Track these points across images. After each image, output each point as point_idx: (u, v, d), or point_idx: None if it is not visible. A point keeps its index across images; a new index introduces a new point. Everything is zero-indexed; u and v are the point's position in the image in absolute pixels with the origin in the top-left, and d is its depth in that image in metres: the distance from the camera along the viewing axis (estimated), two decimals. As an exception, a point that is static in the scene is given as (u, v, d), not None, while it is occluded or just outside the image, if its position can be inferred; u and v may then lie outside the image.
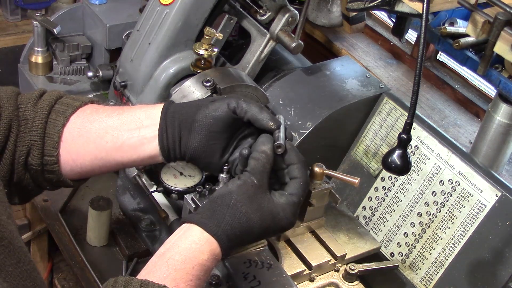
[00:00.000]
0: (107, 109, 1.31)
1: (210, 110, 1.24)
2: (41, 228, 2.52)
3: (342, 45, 2.54)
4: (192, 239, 1.14)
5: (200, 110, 1.24)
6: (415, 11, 1.50)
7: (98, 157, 1.29)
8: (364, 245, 1.66)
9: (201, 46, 1.68)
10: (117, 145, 1.27)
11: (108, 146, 1.28)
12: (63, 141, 1.27)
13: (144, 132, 1.27)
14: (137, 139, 1.27)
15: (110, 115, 1.29)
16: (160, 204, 1.65)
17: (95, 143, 1.28)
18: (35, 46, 2.12)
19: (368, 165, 1.84)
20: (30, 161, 1.26)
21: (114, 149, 1.28)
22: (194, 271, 1.11)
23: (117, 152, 1.28)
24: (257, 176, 1.19)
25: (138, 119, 1.27)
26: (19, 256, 0.98)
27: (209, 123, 1.24)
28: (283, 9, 1.79)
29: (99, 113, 1.30)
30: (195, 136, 1.25)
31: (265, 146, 1.22)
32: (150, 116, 1.27)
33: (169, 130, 1.26)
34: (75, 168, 1.30)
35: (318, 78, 1.90)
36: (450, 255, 1.64)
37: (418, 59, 1.21)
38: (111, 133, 1.27)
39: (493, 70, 1.62)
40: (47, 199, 2.02)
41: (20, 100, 1.28)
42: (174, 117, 1.25)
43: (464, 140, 2.17)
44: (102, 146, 1.28)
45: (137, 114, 1.28)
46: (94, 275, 1.77)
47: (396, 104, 1.82)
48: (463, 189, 1.65)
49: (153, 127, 1.27)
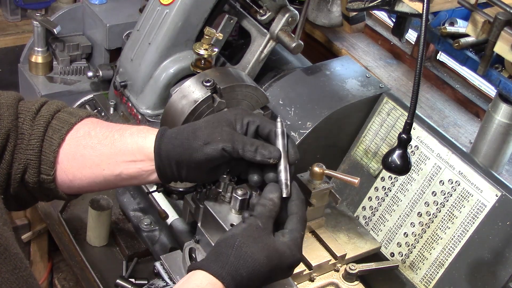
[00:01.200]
0: (99, 133, 1.29)
1: (204, 154, 1.21)
2: (41, 228, 2.52)
3: (342, 45, 2.54)
4: (195, 283, 1.12)
5: (195, 155, 1.22)
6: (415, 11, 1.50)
7: (96, 181, 1.29)
8: (364, 245, 1.66)
9: (201, 46, 1.69)
10: (115, 173, 1.27)
11: (106, 173, 1.28)
12: (59, 162, 1.27)
13: (141, 165, 1.27)
14: (135, 170, 1.27)
15: (102, 142, 1.28)
16: (160, 204, 1.65)
17: (92, 169, 1.28)
18: (35, 46, 2.12)
19: (368, 165, 1.84)
20: (27, 179, 1.26)
21: (113, 176, 1.28)
22: None
23: (116, 178, 1.28)
24: (263, 220, 1.18)
25: (131, 152, 1.26)
26: (15, 262, 0.97)
27: (205, 165, 1.23)
28: (283, 9, 1.79)
29: (92, 137, 1.28)
30: (194, 173, 1.26)
31: (273, 195, 1.21)
32: (142, 151, 1.26)
33: (167, 169, 1.25)
34: (72, 187, 1.30)
35: (318, 78, 1.90)
36: (450, 255, 1.64)
37: (418, 59, 1.21)
38: (107, 162, 1.27)
39: (493, 70, 1.62)
40: (47, 199, 2.03)
41: (20, 109, 1.27)
42: (169, 159, 1.24)
43: (464, 140, 2.17)
44: (99, 172, 1.28)
45: (129, 146, 1.26)
46: (94, 275, 1.77)
47: (396, 104, 1.82)
48: (463, 189, 1.65)
49: (148, 162, 1.26)
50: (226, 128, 1.22)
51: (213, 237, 1.45)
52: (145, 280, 1.68)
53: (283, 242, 1.18)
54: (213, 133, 1.21)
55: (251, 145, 1.20)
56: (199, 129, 1.22)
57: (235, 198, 1.40)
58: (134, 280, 1.66)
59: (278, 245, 1.17)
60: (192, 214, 1.51)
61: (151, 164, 1.25)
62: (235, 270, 1.13)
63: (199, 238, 1.51)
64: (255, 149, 1.21)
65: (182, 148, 1.22)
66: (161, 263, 1.52)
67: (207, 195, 1.46)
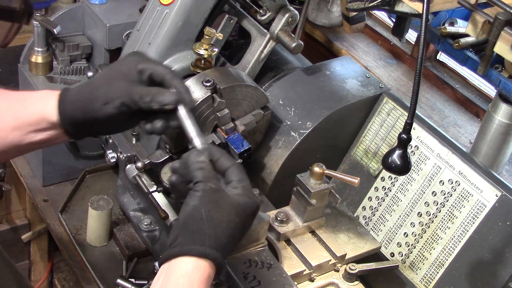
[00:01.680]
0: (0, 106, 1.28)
1: (106, 114, 1.21)
2: (41, 228, 2.52)
3: (342, 45, 2.54)
4: (180, 273, 1.08)
5: (98, 116, 1.22)
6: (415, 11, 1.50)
7: (3, 150, 1.27)
8: (364, 245, 1.66)
9: (201, 46, 1.68)
10: (23, 142, 1.26)
11: (12, 142, 1.26)
12: None
13: (49, 132, 1.26)
14: (43, 137, 1.26)
15: (5, 114, 1.26)
16: (160, 204, 1.65)
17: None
18: (35, 46, 2.12)
19: (368, 165, 1.84)
20: None
21: (21, 145, 1.26)
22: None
23: (25, 146, 1.27)
24: (212, 181, 1.15)
25: (36, 122, 1.25)
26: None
27: (112, 122, 1.24)
28: (283, 9, 1.79)
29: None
30: (104, 130, 1.31)
31: (200, 157, 1.18)
32: (46, 119, 1.24)
33: (76, 132, 1.26)
34: None
35: (318, 78, 1.90)
36: (450, 255, 1.64)
37: (418, 59, 1.21)
38: (12, 133, 1.25)
39: (493, 70, 1.62)
40: (47, 199, 2.03)
41: None
42: (75, 124, 1.24)
43: (464, 140, 2.17)
44: (5, 142, 1.26)
45: (33, 116, 1.25)
46: (94, 275, 1.77)
47: (396, 104, 1.82)
48: (463, 189, 1.65)
49: (55, 129, 1.26)
50: (121, 83, 1.21)
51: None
52: (145, 280, 1.68)
53: (241, 194, 1.16)
54: (109, 90, 1.21)
55: (146, 95, 1.20)
56: (95, 89, 1.22)
57: None
58: (134, 280, 1.66)
59: (239, 199, 1.15)
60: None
61: (58, 130, 1.25)
62: (215, 240, 1.10)
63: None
64: (150, 99, 1.20)
65: (84, 112, 1.22)
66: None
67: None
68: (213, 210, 1.12)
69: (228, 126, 1.64)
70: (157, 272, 1.12)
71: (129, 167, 1.71)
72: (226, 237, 1.11)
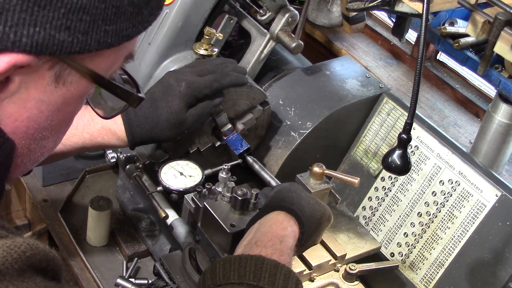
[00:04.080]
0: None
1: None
2: (41, 228, 2.52)
3: (342, 45, 2.54)
4: (272, 220, 1.29)
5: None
6: (415, 11, 1.50)
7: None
8: (364, 245, 1.66)
9: (201, 46, 1.68)
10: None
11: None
12: None
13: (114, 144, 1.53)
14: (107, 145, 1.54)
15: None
16: (160, 204, 1.65)
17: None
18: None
19: (368, 165, 1.84)
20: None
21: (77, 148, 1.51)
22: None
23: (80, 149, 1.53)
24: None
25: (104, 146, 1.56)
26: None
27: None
28: (283, 9, 1.79)
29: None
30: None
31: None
32: (115, 144, 1.54)
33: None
34: None
35: (318, 78, 1.90)
36: (450, 255, 1.64)
37: (418, 59, 1.21)
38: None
39: (493, 70, 1.62)
40: (47, 199, 2.03)
41: None
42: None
43: (464, 140, 2.17)
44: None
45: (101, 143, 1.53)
46: (94, 275, 1.77)
47: (396, 104, 1.82)
48: (463, 189, 1.65)
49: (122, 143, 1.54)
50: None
51: (213, 237, 1.45)
52: (145, 280, 1.68)
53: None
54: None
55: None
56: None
57: (235, 198, 1.40)
58: (134, 280, 1.66)
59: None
60: (192, 214, 1.51)
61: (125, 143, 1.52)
62: (300, 207, 1.30)
63: (199, 238, 1.51)
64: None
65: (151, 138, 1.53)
66: (161, 263, 1.52)
67: (207, 195, 1.46)
68: (300, 189, 1.37)
69: (226, 127, 1.65)
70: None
71: (129, 167, 1.71)
72: (309, 211, 1.31)
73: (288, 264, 1.17)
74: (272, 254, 1.16)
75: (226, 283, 1.10)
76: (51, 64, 0.76)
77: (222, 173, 1.48)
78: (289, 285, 1.11)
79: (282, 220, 1.26)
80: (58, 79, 0.77)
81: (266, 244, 1.20)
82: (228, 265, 1.12)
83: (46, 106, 0.79)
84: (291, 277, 1.12)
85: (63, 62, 0.76)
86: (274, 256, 1.15)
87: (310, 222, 1.30)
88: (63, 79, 0.78)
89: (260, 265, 1.11)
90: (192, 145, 1.65)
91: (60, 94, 0.79)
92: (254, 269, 1.10)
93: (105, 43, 0.76)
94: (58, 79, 0.77)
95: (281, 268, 1.12)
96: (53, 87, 0.78)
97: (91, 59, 0.78)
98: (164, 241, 1.81)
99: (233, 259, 1.13)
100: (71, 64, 0.77)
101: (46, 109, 0.79)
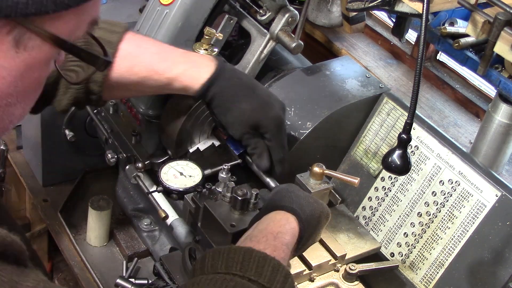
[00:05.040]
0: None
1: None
2: (41, 228, 2.52)
3: (342, 45, 2.54)
4: (270, 219, 1.30)
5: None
6: (415, 11, 1.50)
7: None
8: (364, 245, 1.66)
9: (201, 46, 1.68)
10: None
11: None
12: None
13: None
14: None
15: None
16: (160, 204, 1.65)
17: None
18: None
19: (368, 165, 1.84)
20: None
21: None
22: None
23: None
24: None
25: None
26: None
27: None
28: (283, 9, 1.79)
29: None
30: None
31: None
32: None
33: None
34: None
35: (318, 78, 1.90)
36: (450, 255, 1.64)
37: (418, 59, 1.21)
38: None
39: (493, 70, 1.62)
40: (47, 199, 2.03)
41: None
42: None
43: (464, 140, 2.17)
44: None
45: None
46: (94, 275, 1.77)
47: (396, 104, 1.82)
48: (463, 189, 1.65)
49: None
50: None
51: (213, 237, 1.45)
52: (145, 280, 1.68)
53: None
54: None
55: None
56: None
57: (235, 198, 1.40)
58: (134, 280, 1.66)
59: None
60: (192, 214, 1.51)
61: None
62: (299, 205, 1.31)
63: (199, 238, 1.51)
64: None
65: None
66: (161, 263, 1.52)
67: (207, 195, 1.46)
68: (297, 189, 1.38)
69: None
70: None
71: (129, 167, 1.71)
72: (308, 209, 1.32)
73: (282, 259, 1.17)
74: (264, 249, 1.16)
75: (213, 272, 1.11)
76: (9, 28, 0.74)
77: (222, 173, 1.48)
78: (277, 277, 1.11)
79: (280, 219, 1.27)
80: (18, 43, 0.76)
81: (260, 239, 1.21)
82: (217, 255, 1.13)
83: (8, 72, 0.77)
84: (280, 270, 1.12)
85: (21, 26, 0.74)
86: (267, 251, 1.15)
87: (311, 220, 1.31)
88: (23, 43, 0.76)
89: (248, 256, 1.11)
90: (192, 145, 1.65)
91: (21, 59, 0.77)
92: (242, 260, 1.11)
93: (61, 3, 0.75)
94: (19, 44, 0.76)
95: (270, 260, 1.12)
96: (13, 52, 0.76)
97: (51, 22, 0.76)
98: (164, 241, 1.81)
99: (222, 250, 1.14)
100: (30, 28, 0.75)
101: (8, 75, 0.77)
